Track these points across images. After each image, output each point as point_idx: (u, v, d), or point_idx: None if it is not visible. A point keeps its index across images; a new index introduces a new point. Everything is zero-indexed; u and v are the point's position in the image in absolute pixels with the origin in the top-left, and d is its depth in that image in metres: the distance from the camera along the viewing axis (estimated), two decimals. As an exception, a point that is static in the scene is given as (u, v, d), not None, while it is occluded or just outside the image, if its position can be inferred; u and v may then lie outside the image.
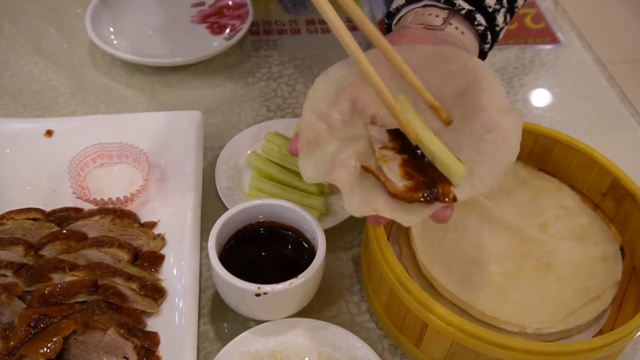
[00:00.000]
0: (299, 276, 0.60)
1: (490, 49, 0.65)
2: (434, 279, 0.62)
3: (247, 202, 0.66)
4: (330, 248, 0.63)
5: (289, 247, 0.67)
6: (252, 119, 0.89)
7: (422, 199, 0.48)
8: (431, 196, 0.48)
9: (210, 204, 0.78)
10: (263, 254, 0.67)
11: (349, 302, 0.69)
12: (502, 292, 0.61)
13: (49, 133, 0.79)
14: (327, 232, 0.65)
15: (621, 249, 0.67)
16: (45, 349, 0.55)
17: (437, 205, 0.48)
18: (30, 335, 0.57)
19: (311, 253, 0.63)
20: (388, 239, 0.61)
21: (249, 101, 0.92)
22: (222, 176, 0.78)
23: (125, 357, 0.57)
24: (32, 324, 0.58)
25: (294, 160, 0.76)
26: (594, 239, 0.67)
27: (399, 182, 0.49)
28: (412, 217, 0.49)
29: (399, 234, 0.69)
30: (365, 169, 0.51)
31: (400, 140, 0.52)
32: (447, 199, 0.48)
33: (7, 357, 0.56)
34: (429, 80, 0.54)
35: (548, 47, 1.04)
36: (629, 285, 0.66)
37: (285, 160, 0.76)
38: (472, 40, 0.62)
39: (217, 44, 0.97)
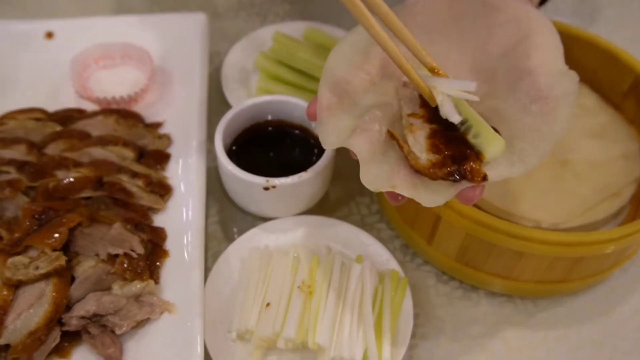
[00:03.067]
0: (308, 170, 0.58)
1: None
2: (447, 176, 0.60)
3: (254, 98, 0.64)
4: (341, 150, 0.60)
5: (298, 146, 0.65)
6: (259, 24, 0.86)
7: (446, 177, 0.42)
8: (457, 174, 0.42)
9: (218, 109, 0.75)
10: (271, 153, 0.65)
11: (359, 203, 0.68)
12: (516, 189, 0.59)
13: (49, 35, 0.77)
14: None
15: (642, 149, 0.65)
16: (51, 239, 0.54)
17: (464, 185, 0.42)
18: (35, 228, 0.56)
19: (320, 152, 0.61)
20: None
21: (256, 6, 0.89)
22: (229, 80, 0.75)
23: (132, 250, 0.56)
24: (36, 217, 0.56)
25: (303, 60, 0.73)
26: (613, 138, 0.64)
27: (423, 155, 0.43)
28: (434, 197, 0.43)
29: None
30: (391, 135, 0.45)
31: (433, 109, 0.45)
32: (475, 178, 0.42)
33: (11, 248, 0.55)
34: (476, 36, 0.46)
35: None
36: (649, 183, 0.64)
37: (294, 60, 0.73)
38: None
39: (222, -52, 0.93)
